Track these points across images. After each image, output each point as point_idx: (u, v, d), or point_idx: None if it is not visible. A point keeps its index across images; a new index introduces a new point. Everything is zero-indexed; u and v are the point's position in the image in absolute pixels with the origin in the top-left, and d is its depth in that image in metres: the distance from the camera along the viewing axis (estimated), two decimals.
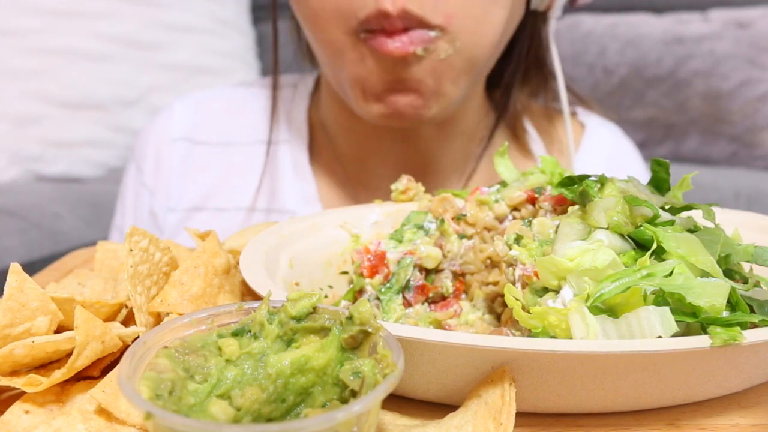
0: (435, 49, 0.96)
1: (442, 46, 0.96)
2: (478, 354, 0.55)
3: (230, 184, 1.28)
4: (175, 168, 1.28)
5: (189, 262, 0.67)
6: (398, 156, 1.20)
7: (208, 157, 1.29)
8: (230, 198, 1.27)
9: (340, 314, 0.51)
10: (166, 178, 1.29)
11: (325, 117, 1.27)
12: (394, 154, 1.20)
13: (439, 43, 0.96)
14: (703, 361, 0.56)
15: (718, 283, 0.58)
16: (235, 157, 1.29)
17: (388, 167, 1.20)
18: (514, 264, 0.67)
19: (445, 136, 1.20)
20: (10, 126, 2.18)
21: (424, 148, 1.20)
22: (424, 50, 0.95)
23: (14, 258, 1.74)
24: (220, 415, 0.45)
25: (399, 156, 1.20)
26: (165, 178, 1.29)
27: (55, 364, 0.60)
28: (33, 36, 2.22)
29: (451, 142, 1.22)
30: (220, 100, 1.36)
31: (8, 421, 0.53)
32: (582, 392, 0.56)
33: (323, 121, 1.27)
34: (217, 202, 1.27)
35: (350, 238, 0.83)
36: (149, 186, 1.30)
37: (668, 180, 0.72)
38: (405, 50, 0.94)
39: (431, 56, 0.97)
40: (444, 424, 0.54)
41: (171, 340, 0.50)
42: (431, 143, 1.20)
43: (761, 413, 0.60)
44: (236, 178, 1.28)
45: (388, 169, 1.20)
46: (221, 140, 1.30)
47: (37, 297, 0.58)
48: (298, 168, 1.25)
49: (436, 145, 1.21)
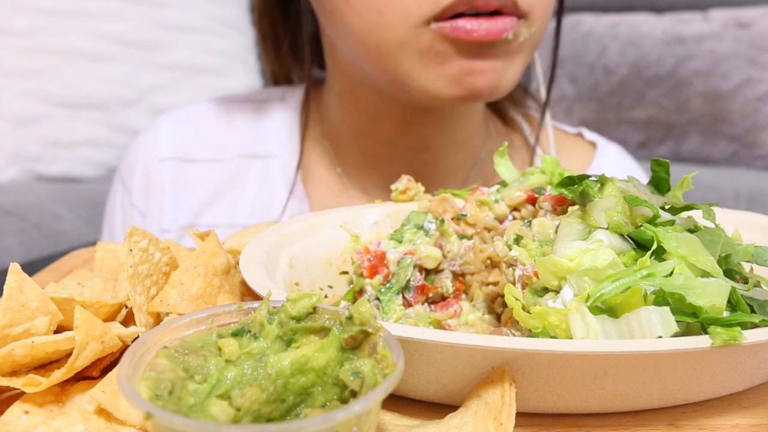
0: (519, 34, 1.00)
1: (523, 32, 1.00)
2: (478, 354, 0.55)
3: (221, 200, 1.27)
4: (167, 189, 1.27)
5: (189, 262, 0.67)
6: (406, 163, 1.20)
7: (200, 174, 1.28)
8: (221, 214, 1.26)
9: (340, 314, 0.51)
10: (157, 200, 1.27)
11: (331, 125, 1.26)
12: (403, 161, 1.20)
13: (521, 29, 1.00)
14: (703, 362, 0.56)
15: (719, 283, 0.58)
16: (225, 173, 1.28)
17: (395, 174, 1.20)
18: (514, 264, 0.67)
19: (453, 142, 1.22)
20: (9, 126, 2.18)
21: (433, 156, 1.21)
22: (514, 35, 0.99)
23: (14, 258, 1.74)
24: (220, 415, 0.45)
25: (406, 163, 1.20)
26: (156, 199, 1.28)
27: (55, 364, 0.60)
28: (33, 36, 2.22)
29: (458, 149, 1.23)
30: (206, 115, 1.34)
31: (8, 422, 0.53)
32: (582, 392, 0.56)
33: (325, 130, 1.27)
34: (209, 219, 1.26)
35: (350, 238, 0.83)
36: (139, 207, 1.29)
37: (668, 180, 0.72)
38: (498, 35, 0.97)
39: (516, 40, 1.00)
40: (444, 425, 0.54)
41: (171, 340, 0.50)
42: (440, 150, 1.21)
43: (762, 413, 0.60)
44: (227, 194, 1.27)
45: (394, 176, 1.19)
46: (211, 157, 1.29)
47: (37, 297, 0.58)
48: (288, 183, 1.25)
49: (443, 153, 1.22)
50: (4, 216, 1.87)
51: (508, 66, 1.02)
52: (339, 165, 1.25)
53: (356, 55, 1.06)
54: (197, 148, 1.30)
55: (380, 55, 1.02)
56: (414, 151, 1.20)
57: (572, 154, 1.33)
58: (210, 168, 1.28)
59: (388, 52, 1.01)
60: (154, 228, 1.26)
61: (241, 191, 1.27)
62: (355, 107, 1.20)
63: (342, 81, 1.20)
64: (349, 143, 1.24)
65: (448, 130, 1.19)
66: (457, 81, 1.00)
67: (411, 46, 0.99)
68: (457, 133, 1.21)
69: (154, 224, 1.27)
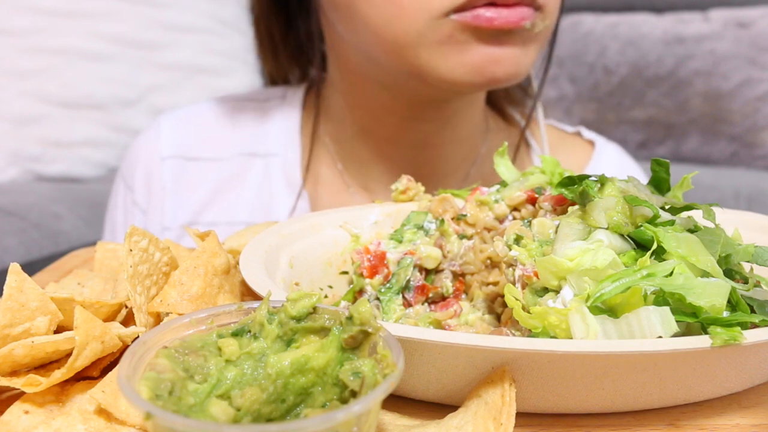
0: (535, 24, 1.03)
1: (539, 23, 1.03)
2: (478, 354, 0.55)
3: (222, 198, 1.28)
4: (168, 187, 1.28)
5: (189, 262, 0.67)
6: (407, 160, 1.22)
7: (200, 172, 1.29)
8: (222, 213, 1.27)
9: (340, 314, 0.51)
10: (159, 198, 1.28)
11: (333, 125, 1.27)
12: (405, 158, 1.22)
13: (536, 21, 1.02)
14: (703, 362, 0.56)
15: (719, 283, 0.58)
16: (226, 172, 1.29)
17: (397, 171, 1.21)
18: (514, 264, 0.67)
19: (454, 139, 1.22)
20: (9, 126, 2.18)
21: (434, 153, 1.22)
22: (532, 24, 1.02)
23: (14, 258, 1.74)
24: (220, 415, 0.45)
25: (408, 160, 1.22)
26: (158, 197, 1.28)
27: (55, 364, 0.60)
28: (33, 36, 2.22)
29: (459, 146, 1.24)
30: (206, 114, 1.35)
31: (8, 422, 0.53)
32: (582, 392, 0.56)
33: (329, 130, 1.27)
34: (210, 217, 1.27)
35: (350, 238, 0.82)
36: (141, 205, 1.30)
37: (668, 180, 0.72)
38: (517, 23, 1.00)
39: (533, 30, 1.03)
40: (444, 425, 0.54)
41: (171, 340, 0.50)
42: (441, 147, 1.22)
43: (762, 413, 0.60)
44: (227, 193, 1.28)
45: (396, 173, 1.20)
46: (211, 155, 1.30)
47: (37, 297, 0.58)
48: (290, 182, 1.26)
49: (443, 151, 1.23)
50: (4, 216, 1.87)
51: (525, 54, 1.04)
52: (340, 162, 1.26)
53: (373, 49, 1.07)
54: (198, 147, 1.30)
55: (399, 47, 1.03)
56: (416, 148, 1.21)
57: (570, 152, 1.34)
58: (210, 167, 1.29)
59: (407, 44, 1.02)
60: (155, 226, 1.27)
61: (241, 189, 1.28)
62: (359, 105, 1.21)
63: (347, 78, 1.21)
64: (351, 141, 1.24)
65: (450, 126, 1.20)
66: (478, 69, 1.02)
67: (431, 37, 1.01)
68: (458, 130, 1.22)
69: (156, 222, 1.28)
